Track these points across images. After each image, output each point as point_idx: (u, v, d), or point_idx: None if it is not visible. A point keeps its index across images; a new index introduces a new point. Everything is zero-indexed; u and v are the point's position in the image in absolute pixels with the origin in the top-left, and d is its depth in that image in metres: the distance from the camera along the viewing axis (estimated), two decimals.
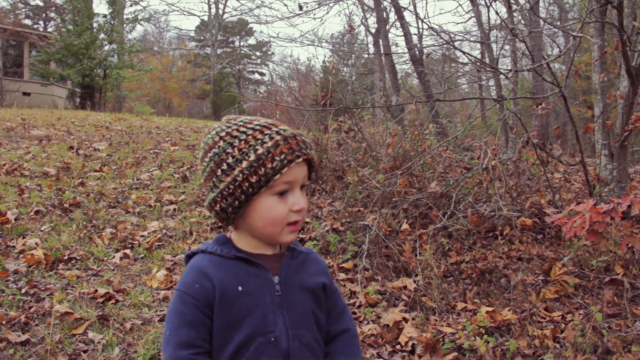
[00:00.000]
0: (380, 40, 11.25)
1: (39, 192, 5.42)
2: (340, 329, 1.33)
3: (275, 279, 1.21)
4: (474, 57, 6.53)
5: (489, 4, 5.85)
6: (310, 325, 1.24)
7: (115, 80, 21.28)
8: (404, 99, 9.83)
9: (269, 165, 1.14)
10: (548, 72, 4.87)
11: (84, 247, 4.17)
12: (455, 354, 2.78)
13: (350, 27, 15.85)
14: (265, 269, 1.21)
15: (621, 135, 4.47)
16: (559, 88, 4.32)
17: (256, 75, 43.63)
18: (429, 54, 9.99)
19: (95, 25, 21.03)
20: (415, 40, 11.18)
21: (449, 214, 4.41)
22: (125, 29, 24.07)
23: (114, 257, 4.05)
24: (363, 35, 24.72)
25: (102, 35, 20.99)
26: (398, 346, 2.94)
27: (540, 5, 14.04)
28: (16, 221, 4.53)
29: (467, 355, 2.79)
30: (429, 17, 19.61)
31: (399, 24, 10.48)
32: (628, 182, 4.62)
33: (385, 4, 11.07)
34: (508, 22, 6.21)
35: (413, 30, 12.07)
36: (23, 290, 3.32)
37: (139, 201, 5.43)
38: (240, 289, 1.17)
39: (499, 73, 6.51)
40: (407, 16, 10.98)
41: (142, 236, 4.49)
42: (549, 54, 12.47)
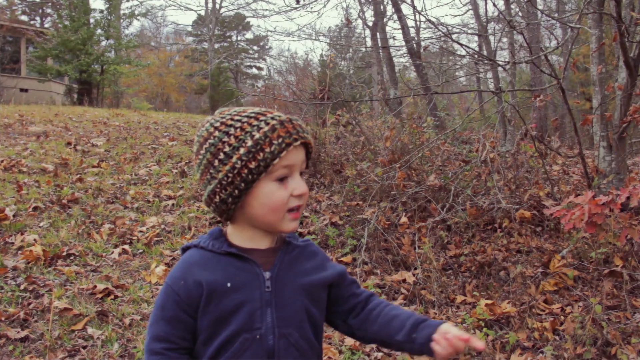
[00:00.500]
0: (378, 34, 11.20)
1: (37, 188, 5.41)
2: (370, 304, 1.30)
3: (266, 274, 1.18)
4: (472, 50, 6.52)
5: None
6: (301, 324, 1.19)
7: (113, 76, 21.20)
8: (402, 92, 9.80)
9: (268, 150, 1.12)
10: (546, 64, 4.86)
11: (83, 243, 4.17)
12: None
13: (348, 21, 15.75)
14: (257, 264, 1.18)
15: (620, 126, 4.46)
16: (557, 80, 4.31)
17: (254, 70, 43.63)
18: (426, 47, 9.95)
19: (92, 20, 20.93)
20: (413, 33, 11.12)
21: (447, 207, 4.41)
22: (122, 25, 24.03)
23: (112, 253, 4.04)
24: (360, 29, 24.67)
25: (99, 30, 20.89)
26: None
27: None
28: (14, 217, 4.52)
29: (466, 348, 2.79)
30: (427, 10, 19.59)
31: (396, 17, 10.42)
32: (627, 174, 4.62)
33: None
34: (506, 14, 6.20)
35: (410, 23, 12.01)
36: (22, 287, 3.32)
37: (137, 197, 5.42)
38: (229, 285, 1.15)
39: (497, 65, 6.49)
40: (405, 9, 10.96)
41: (141, 232, 4.49)
42: (547, 46, 12.45)
